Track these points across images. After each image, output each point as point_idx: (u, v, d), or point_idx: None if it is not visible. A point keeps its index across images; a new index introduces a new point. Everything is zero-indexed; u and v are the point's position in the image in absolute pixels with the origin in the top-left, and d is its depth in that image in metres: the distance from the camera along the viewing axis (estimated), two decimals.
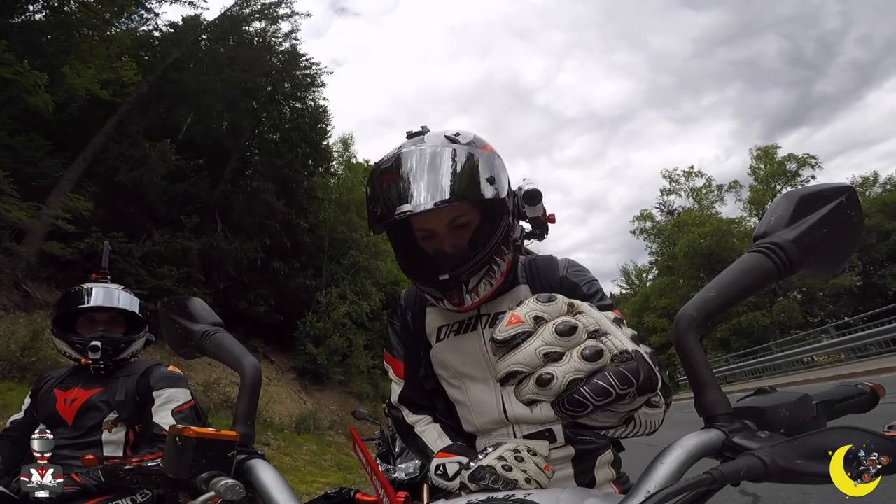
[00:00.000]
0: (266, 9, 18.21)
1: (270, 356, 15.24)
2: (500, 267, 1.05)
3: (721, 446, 0.48)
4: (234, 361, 0.73)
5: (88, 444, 1.89)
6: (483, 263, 1.03)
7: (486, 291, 1.05)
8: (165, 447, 0.57)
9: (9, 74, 9.35)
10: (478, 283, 1.03)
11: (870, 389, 0.58)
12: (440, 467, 0.98)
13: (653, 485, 0.45)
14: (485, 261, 1.03)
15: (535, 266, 1.19)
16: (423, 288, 1.10)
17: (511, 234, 1.10)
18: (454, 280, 1.01)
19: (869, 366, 10.89)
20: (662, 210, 34.73)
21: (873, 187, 28.51)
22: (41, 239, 10.26)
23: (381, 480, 0.75)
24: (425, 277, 1.06)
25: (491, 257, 1.03)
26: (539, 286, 1.14)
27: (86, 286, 2.09)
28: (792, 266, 0.56)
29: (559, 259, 1.20)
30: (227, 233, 15.14)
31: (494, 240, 1.03)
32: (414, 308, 1.25)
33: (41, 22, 12.15)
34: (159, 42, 16.83)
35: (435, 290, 1.05)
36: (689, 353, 0.54)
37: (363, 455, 0.89)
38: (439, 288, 1.04)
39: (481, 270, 1.03)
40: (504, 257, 1.06)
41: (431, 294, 1.08)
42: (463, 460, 0.93)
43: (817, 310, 27.42)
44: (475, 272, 1.03)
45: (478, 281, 1.03)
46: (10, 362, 7.20)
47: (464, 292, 1.04)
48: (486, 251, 1.02)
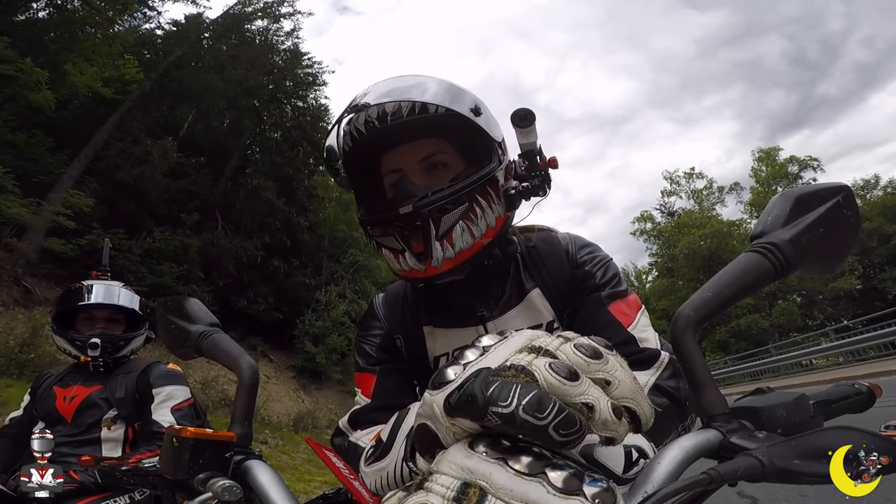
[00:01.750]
0: (268, 7, 18.27)
1: (269, 354, 15.24)
2: (486, 215, 0.83)
3: (718, 446, 0.48)
4: (232, 362, 0.73)
5: (87, 441, 1.89)
6: (460, 199, 0.80)
7: (465, 244, 0.81)
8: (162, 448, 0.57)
9: (11, 72, 9.39)
10: (452, 225, 0.80)
11: (867, 389, 0.58)
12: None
13: (650, 485, 0.45)
14: (463, 197, 0.81)
15: (537, 257, 0.97)
16: (379, 239, 0.86)
17: (502, 184, 0.88)
18: (419, 215, 0.79)
19: (868, 369, 10.90)
20: (663, 211, 34.84)
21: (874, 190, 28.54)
22: (41, 235, 10.29)
23: (350, 487, 0.74)
24: (382, 215, 0.84)
25: (473, 196, 0.81)
26: (550, 286, 0.94)
27: (86, 283, 2.09)
28: (789, 266, 0.56)
29: (561, 238, 0.99)
30: (228, 230, 15.15)
31: (479, 176, 0.83)
32: (405, 329, 0.98)
33: (44, 20, 12.20)
34: (161, 40, 16.88)
35: (394, 234, 0.82)
36: (686, 354, 0.54)
37: (336, 464, 0.80)
38: (399, 230, 0.81)
39: (457, 208, 0.80)
40: (492, 204, 0.83)
41: (391, 248, 0.84)
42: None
43: (817, 313, 27.43)
44: (448, 210, 0.80)
45: (452, 222, 0.80)
46: (8, 359, 7.20)
47: (432, 236, 0.79)
48: (465, 184, 0.82)
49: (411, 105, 0.81)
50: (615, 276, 0.92)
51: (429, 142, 0.87)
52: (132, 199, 13.22)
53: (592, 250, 0.96)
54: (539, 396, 0.32)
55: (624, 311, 0.86)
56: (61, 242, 10.21)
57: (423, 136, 0.87)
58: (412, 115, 0.81)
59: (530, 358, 0.36)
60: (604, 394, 0.35)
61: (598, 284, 0.91)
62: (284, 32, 18.74)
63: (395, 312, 1.01)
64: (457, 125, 0.85)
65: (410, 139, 0.87)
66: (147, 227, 13.00)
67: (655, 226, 34.35)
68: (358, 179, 0.94)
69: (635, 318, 0.86)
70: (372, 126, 0.82)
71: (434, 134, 0.88)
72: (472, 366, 0.38)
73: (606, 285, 0.90)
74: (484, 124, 0.85)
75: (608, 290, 0.89)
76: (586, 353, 0.37)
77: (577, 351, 0.37)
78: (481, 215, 0.82)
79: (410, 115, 0.82)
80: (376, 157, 0.91)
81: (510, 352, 0.38)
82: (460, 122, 0.84)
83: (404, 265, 0.84)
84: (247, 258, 14.94)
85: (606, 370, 0.37)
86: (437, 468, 0.35)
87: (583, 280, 0.92)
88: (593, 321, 0.87)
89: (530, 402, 0.32)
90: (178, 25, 16.91)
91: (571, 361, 0.36)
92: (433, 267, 0.81)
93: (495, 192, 0.85)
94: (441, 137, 0.88)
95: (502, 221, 0.87)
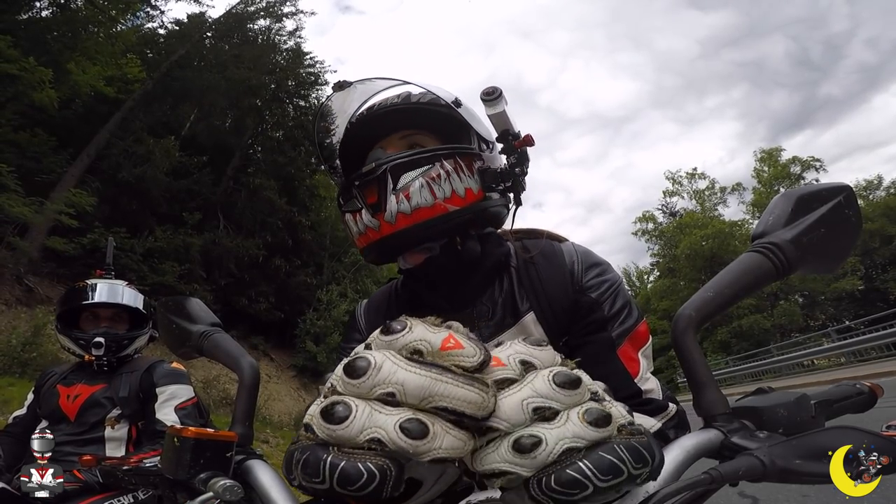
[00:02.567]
0: (271, 7, 18.27)
1: (270, 353, 15.26)
2: (452, 180, 0.78)
3: (720, 446, 0.48)
4: (233, 362, 0.73)
5: (91, 440, 1.89)
6: (425, 160, 0.78)
7: (424, 201, 0.75)
8: (163, 447, 0.57)
9: (14, 70, 9.39)
10: (411, 181, 0.76)
11: (868, 389, 0.58)
12: None
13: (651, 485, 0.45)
14: (428, 158, 0.78)
15: (535, 274, 0.87)
16: (345, 208, 0.83)
17: (480, 159, 0.84)
18: (378, 169, 0.77)
19: (869, 370, 10.86)
20: (665, 212, 34.77)
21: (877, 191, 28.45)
22: (44, 234, 10.30)
23: None
24: (345, 175, 0.85)
25: (438, 158, 0.78)
26: (547, 311, 0.84)
27: (90, 282, 2.09)
28: (790, 266, 0.56)
29: (566, 252, 0.88)
30: (229, 230, 15.16)
31: (450, 145, 0.82)
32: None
33: (47, 18, 12.20)
34: (164, 39, 16.90)
35: (355, 195, 0.79)
36: (687, 353, 0.54)
37: None
38: (359, 188, 0.79)
39: (419, 168, 0.77)
40: (460, 173, 0.79)
41: (351, 210, 0.81)
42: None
43: (818, 313, 27.37)
44: (409, 168, 0.77)
45: (411, 178, 0.76)
46: (10, 357, 7.21)
47: (388, 189, 0.76)
48: (433, 148, 0.81)
49: (397, 95, 0.85)
50: (625, 307, 0.83)
51: (412, 131, 0.88)
52: (134, 198, 13.24)
53: (601, 272, 0.86)
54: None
55: (630, 357, 0.80)
56: (63, 241, 10.22)
57: (408, 126, 0.88)
58: (397, 103, 0.84)
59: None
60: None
61: (606, 318, 0.81)
62: (287, 32, 18.76)
63: (377, 323, 0.95)
64: (440, 116, 0.87)
65: (396, 129, 0.88)
66: (149, 226, 13.02)
67: (657, 226, 34.30)
68: (348, 171, 0.91)
69: (640, 364, 0.79)
70: (363, 117, 0.86)
71: (417, 125, 0.88)
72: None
73: (615, 319, 0.81)
74: (467, 116, 0.84)
75: (618, 329, 0.81)
76: (561, 381, 0.38)
77: (552, 381, 0.38)
78: (445, 178, 0.77)
79: (395, 104, 0.85)
80: (363, 150, 0.90)
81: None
82: (443, 112, 0.86)
83: (360, 226, 0.79)
84: (248, 257, 14.95)
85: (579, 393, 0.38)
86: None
87: (589, 310, 0.82)
88: (601, 368, 0.76)
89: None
90: (181, 24, 16.92)
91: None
92: (387, 222, 0.76)
93: (468, 166, 0.80)
94: (425, 130, 0.89)
95: (474, 196, 0.80)
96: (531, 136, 0.87)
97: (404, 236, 0.76)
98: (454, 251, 0.83)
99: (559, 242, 0.92)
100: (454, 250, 0.83)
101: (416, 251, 0.81)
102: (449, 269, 0.84)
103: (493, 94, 0.83)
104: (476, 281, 0.87)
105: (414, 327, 0.40)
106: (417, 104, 0.87)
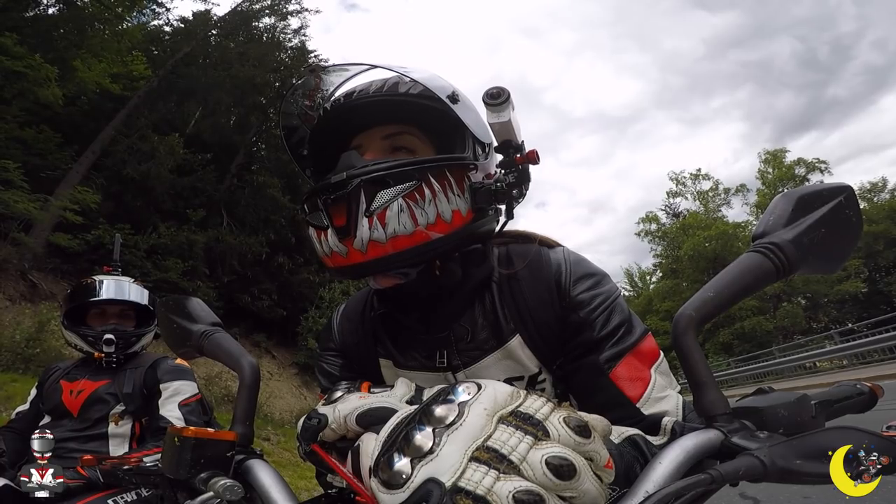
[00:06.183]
0: (276, 5, 18.29)
1: (272, 351, 15.28)
2: (438, 202, 0.66)
3: (720, 446, 0.48)
4: (233, 361, 0.73)
5: (94, 436, 1.89)
6: (406, 175, 0.65)
7: (403, 228, 0.64)
8: (164, 447, 0.58)
9: (20, 68, 9.43)
10: (388, 202, 0.64)
11: (868, 390, 0.58)
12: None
13: (651, 485, 0.45)
14: (411, 173, 0.66)
15: (518, 291, 0.77)
16: (309, 218, 0.72)
17: (473, 174, 0.73)
18: (349, 183, 0.64)
19: (871, 372, 10.82)
20: (668, 212, 34.64)
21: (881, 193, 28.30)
22: (48, 230, 10.34)
23: (354, 486, 0.73)
24: (314, 173, 0.78)
25: (424, 174, 0.66)
26: (533, 333, 0.75)
27: (97, 278, 2.10)
28: (791, 266, 0.56)
29: (553, 261, 0.78)
30: (233, 227, 15.19)
31: (438, 157, 0.72)
32: (359, 356, 0.86)
33: (53, 16, 12.24)
34: (169, 37, 16.97)
35: (322, 208, 0.67)
36: (687, 354, 0.54)
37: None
38: (324, 201, 0.66)
39: (400, 184, 0.64)
40: (448, 192, 0.67)
41: (316, 225, 0.70)
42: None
43: (821, 315, 27.24)
44: (387, 185, 0.64)
45: (389, 198, 0.64)
46: (14, 353, 7.22)
47: (360, 209, 0.64)
48: (417, 160, 0.70)
49: (382, 82, 0.75)
50: (622, 324, 0.72)
51: (398, 126, 0.77)
52: (138, 195, 13.28)
53: (593, 284, 0.75)
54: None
55: (633, 377, 0.69)
56: (68, 237, 10.26)
57: (393, 120, 0.77)
58: (380, 92, 0.75)
59: (489, 481, 0.34)
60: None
61: (596, 339, 0.71)
62: (292, 30, 18.79)
63: (352, 332, 0.88)
64: (431, 111, 0.76)
65: (378, 122, 0.78)
66: (153, 222, 13.05)
67: (660, 227, 34.20)
68: (318, 165, 0.83)
69: (650, 383, 0.69)
70: (338, 103, 0.77)
71: (405, 118, 0.77)
72: (425, 464, 0.37)
73: (608, 339, 0.71)
74: (462, 114, 0.73)
75: (610, 350, 0.71)
76: (556, 471, 0.35)
77: (546, 468, 0.35)
78: (431, 200, 0.65)
79: (378, 92, 0.75)
80: (337, 142, 0.80)
81: (467, 445, 0.37)
82: (435, 107, 0.75)
83: (325, 247, 0.69)
84: (251, 254, 14.98)
85: (575, 487, 0.36)
86: None
87: (577, 330, 0.73)
88: (593, 397, 0.71)
89: None
90: (186, 22, 16.99)
91: (538, 481, 0.35)
92: (356, 250, 0.65)
93: (458, 182, 0.69)
94: (413, 124, 0.78)
95: (462, 219, 0.69)
96: (536, 153, 0.77)
97: (375, 267, 0.67)
98: (432, 276, 0.74)
99: (550, 249, 0.82)
100: (432, 275, 0.74)
101: (390, 275, 0.72)
102: (423, 295, 0.77)
103: (498, 98, 0.74)
104: (454, 303, 0.78)
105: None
106: (406, 95, 0.75)
